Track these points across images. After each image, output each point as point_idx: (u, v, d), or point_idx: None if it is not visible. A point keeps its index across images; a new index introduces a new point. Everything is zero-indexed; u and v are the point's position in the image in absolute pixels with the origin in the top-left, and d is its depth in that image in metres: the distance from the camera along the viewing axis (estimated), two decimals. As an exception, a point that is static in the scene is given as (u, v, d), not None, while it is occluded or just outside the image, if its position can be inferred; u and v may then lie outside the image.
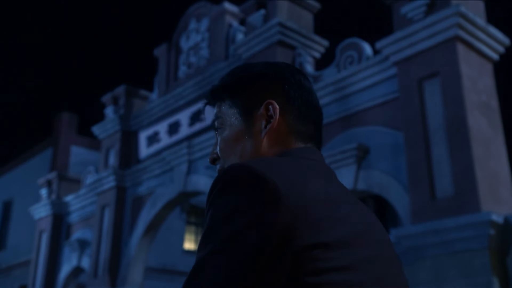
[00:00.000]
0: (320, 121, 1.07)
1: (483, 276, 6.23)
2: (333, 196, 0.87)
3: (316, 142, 1.05)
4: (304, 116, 1.03)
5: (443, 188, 6.91)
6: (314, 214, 0.81)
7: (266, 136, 1.00)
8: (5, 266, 22.43)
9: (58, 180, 15.53)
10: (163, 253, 21.96)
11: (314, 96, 1.06)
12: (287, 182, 0.82)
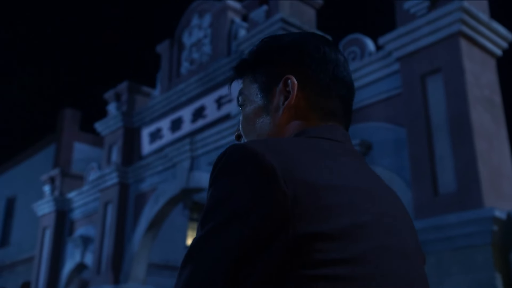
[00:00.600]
0: (349, 96, 0.99)
1: (486, 272, 6.22)
2: (341, 181, 0.79)
3: (342, 118, 0.97)
4: (327, 91, 0.95)
5: (446, 184, 6.90)
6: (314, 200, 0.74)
7: (285, 113, 0.95)
8: (9, 262, 22.51)
9: (61, 177, 15.56)
10: (166, 249, 22.00)
11: (342, 69, 0.97)
12: (288, 165, 0.75)
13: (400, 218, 0.87)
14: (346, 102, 0.98)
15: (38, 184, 17.94)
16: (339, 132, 0.93)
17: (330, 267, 0.72)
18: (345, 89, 0.98)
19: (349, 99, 1.00)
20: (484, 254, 6.28)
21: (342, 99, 0.97)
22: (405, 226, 0.88)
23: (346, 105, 0.98)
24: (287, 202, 0.72)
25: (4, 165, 26.68)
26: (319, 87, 0.95)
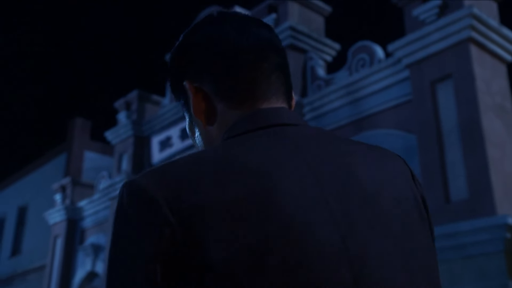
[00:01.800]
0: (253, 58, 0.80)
1: (499, 279, 6.15)
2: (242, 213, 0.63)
3: (251, 87, 0.79)
4: (232, 75, 0.79)
5: (458, 191, 6.84)
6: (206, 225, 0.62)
7: (201, 119, 0.81)
8: (21, 271, 22.60)
9: (72, 186, 15.64)
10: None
11: (234, 38, 0.80)
12: (175, 190, 0.64)
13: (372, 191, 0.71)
14: (255, 65, 0.80)
15: (49, 193, 18.05)
16: (259, 123, 0.75)
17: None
18: (251, 56, 0.79)
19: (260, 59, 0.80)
20: (497, 261, 6.21)
21: (245, 67, 0.79)
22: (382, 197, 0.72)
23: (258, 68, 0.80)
24: (174, 233, 0.61)
25: (16, 175, 26.89)
26: (220, 77, 0.79)
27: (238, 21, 0.83)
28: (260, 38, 0.82)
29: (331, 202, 0.68)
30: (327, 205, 0.68)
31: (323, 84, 9.35)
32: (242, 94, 0.78)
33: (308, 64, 9.76)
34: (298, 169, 0.69)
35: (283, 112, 0.77)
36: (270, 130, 0.74)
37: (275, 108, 0.77)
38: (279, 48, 0.83)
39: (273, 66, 0.81)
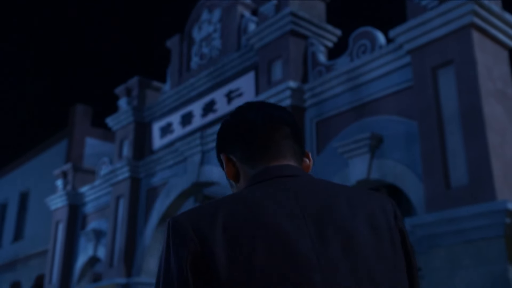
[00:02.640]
0: (261, 135, 1.13)
1: (499, 264, 6.19)
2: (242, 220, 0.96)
3: (264, 154, 1.12)
4: (247, 146, 1.13)
5: (458, 177, 6.86)
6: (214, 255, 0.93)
7: (232, 179, 1.16)
8: (23, 255, 22.76)
9: (73, 172, 15.69)
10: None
11: (254, 119, 1.15)
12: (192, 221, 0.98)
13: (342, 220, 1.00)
14: (268, 135, 1.13)
15: (51, 179, 18.12)
16: (267, 175, 1.08)
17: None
18: (250, 135, 1.13)
19: (270, 134, 1.13)
20: (496, 246, 6.25)
21: (256, 138, 1.13)
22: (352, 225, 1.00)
23: (272, 137, 1.13)
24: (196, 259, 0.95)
25: (17, 161, 26.95)
26: (240, 150, 1.14)
27: (257, 106, 1.18)
28: (272, 116, 1.15)
29: (310, 228, 0.97)
30: (307, 229, 0.96)
31: (324, 70, 9.34)
32: (257, 158, 1.12)
33: (309, 50, 9.74)
34: (288, 204, 0.99)
35: (286, 168, 1.09)
36: (273, 180, 1.05)
37: (280, 165, 1.09)
38: (289, 121, 1.17)
39: (284, 135, 1.14)
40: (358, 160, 8.32)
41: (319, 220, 0.98)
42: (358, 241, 0.98)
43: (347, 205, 1.02)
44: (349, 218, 1.00)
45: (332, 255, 0.95)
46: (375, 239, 1.00)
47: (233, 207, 0.98)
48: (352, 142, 8.32)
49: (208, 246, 0.94)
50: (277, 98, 9.43)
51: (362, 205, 1.03)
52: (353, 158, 8.38)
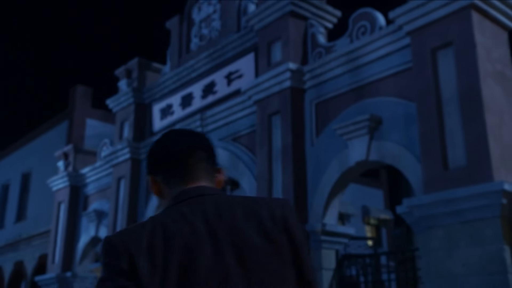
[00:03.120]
0: (177, 161, 1.37)
1: (495, 244, 6.28)
2: (167, 235, 1.25)
3: (181, 177, 1.37)
4: (164, 174, 1.38)
5: (456, 158, 6.91)
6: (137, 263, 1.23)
7: (159, 197, 1.43)
8: (26, 236, 22.96)
9: (74, 153, 15.76)
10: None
11: (171, 147, 1.38)
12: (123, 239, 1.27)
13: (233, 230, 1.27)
14: (183, 161, 1.37)
15: (52, 160, 18.19)
16: (186, 193, 1.33)
17: None
18: (169, 161, 1.37)
19: (181, 158, 1.37)
20: (493, 227, 6.33)
21: (173, 165, 1.37)
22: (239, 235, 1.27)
23: (186, 162, 1.37)
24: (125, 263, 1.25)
25: (19, 142, 27.02)
26: (162, 173, 1.38)
27: (177, 134, 1.39)
28: (188, 143, 1.37)
29: (212, 241, 1.24)
30: (209, 243, 1.24)
31: (324, 51, 9.33)
32: (175, 181, 1.36)
33: (309, 31, 9.71)
34: (196, 223, 1.26)
35: (198, 189, 1.33)
36: (186, 202, 1.30)
37: (194, 187, 1.34)
38: (204, 146, 1.39)
39: (198, 159, 1.37)
40: (357, 142, 8.36)
41: (219, 235, 1.26)
42: (250, 250, 1.25)
43: (243, 217, 1.28)
44: (244, 229, 1.27)
45: (227, 263, 1.23)
46: (265, 244, 1.26)
47: (155, 230, 1.26)
48: (351, 124, 8.36)
49: (132, 257, 1.23)
50: (277, 80, 9.44)
51: (254, 215, 1.29)
52: (352, 139, 8.43)
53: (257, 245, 1.26)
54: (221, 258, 1.24)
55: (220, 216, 1.28)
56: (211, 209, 1.30)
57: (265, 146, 9.56)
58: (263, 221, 1.28)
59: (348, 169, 8.54)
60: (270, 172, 9.37)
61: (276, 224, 1.29)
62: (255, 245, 1.26)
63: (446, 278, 6.61)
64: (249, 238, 1.26)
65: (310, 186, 8.99)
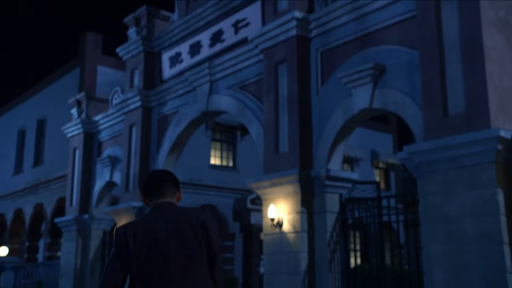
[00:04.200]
0: (154, 188, 2.84)
1: (489, 188, 6.56)
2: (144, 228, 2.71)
3: (156, 196, 2.83)
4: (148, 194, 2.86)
5: (456, 106, 7.09)
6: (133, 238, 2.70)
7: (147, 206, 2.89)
8: (44, 179, 23.74)
9: (87, 100, 16.09)
10: (190, 168, 22.85)
11: (151, 180, 2.85)
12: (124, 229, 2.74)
13: (178, 231, 2.70)
14: (154, 190, 2.83)
15: (66, 106, 18.58)
16: (154, 207, 2.79)
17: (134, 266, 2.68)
18: (152, 188, 2.84)
19: (155, 189, 2.84)
20: (488, 172, 6.59)
21: (152, 191, 2.83)
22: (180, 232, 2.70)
23: (154, 191, 2.84)
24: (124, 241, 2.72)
25: (33, 88, 27.38)
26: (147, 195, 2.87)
27: (155, 174, 2.87)
28: (160, 178, 2.85)
29: (167, 233, 2.69)
30: (167, 235, 2.69)
31: (330, 0, 9.35)
32: (153, 198, 2.84)
33: (315, -22, 9.69)
34: (160, 223, 2.72)
35: (164, 203, 2.80)
36: (156, 210, 2.77)
37: (161, 202, 2.81)
38: (170, 179, 2.87)
39: (167, 185, 2.84)
40: (361, 90, 8.55)
41: (169, 227, 2.68)
42: (184, 235, 2.67)
43: (182, 219, 2.71)
44: (181, 226, 2.69)
45: (172, 245, 2.65)
46: (191, 232, 2.68)
47: (139, 225, 2.71)
48: (355, 72, 8.52)
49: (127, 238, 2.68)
50: (283, 29, 9.53)
51: (187, 218, 2.72)
52: (356, 87, 8.61)
53: (187, 233, 2.68)
54: (169, 239, 2.68)
55: (171, 218, 2.73)
56: (167, 214, 2.75)
57: (272, 94, 9.78)
58: (191, 221, 2.71)
59: (352, 116, 8.77)
60: (277, 119, 9.63)
61: (198, 223, 2.72)
62: (186, 233, 2.68)
63: (442, 220, 6.95)
64: (183, 229, 2.69)
65: (315, 133, 9.27)
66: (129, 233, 2.69)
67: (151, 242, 2.67)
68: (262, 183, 9.54)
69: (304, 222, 8.94)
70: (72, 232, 15.37)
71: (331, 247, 8.82)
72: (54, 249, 22.60)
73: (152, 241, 2.67)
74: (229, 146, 25.30)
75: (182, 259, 2.67)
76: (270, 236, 9.42)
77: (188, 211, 2.77)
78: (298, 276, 8.80)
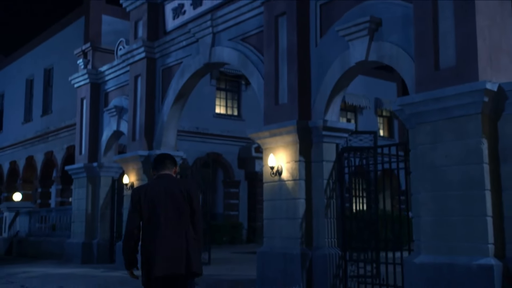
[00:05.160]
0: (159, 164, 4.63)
1: (474, 138, 6.91)
2: (152, 191, 4.48)
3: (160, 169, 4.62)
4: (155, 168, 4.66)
5: (447, 59, 7.32)
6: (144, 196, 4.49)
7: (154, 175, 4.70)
8: (53, 128, 24.28)
9: (93, 51, 16.33)
10: (196, 117, 23.27)
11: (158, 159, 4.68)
12: (138, 189, 4.58)
13: (171, 194, 4.44)
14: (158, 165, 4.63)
15: (72, 56, 18.81)
16: (159, 176, 4.60)
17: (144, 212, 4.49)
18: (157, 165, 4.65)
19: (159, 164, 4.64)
20: (474, 122, 6.92)
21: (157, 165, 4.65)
22: (172, 195, 4.45)
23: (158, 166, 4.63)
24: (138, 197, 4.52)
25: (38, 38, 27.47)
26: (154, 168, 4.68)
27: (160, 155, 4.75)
28: (163, 158, 4.68)
29: (165, 194, 4.45)
30: (164, 195, 4.45)
31: None
32: (157, 171, 4.63)
33: None
34: (161, 186, 4.49)
35: (164, 174, 4.60)
36: (159, 178, 4.58)
37: (163, 173, 4.60)
38: (169, 158, 4.70)
39: (168, 162, 4.65)
40: (358, 43, 8.78)
41: (166, 193, 4.44)
42: (174, 196, 4.42)
43: (174, 186, 4.48)
44: (174, 191, 4.44)
45: (168, 202, 4.41)
46: (179, 194, 4.44)
47: (147, 187, 4.53)
48: (352, 26, 8.73)
49: (140, 196, 4.46)
50: (282, -19, 9.63)
51: (178, 185, 4.50)
52: (353, 40, 8.84)
53: (177, 194, 4.41)
54: (166, 197, 4.40)
55: (168, 184, 4.47)
56: (166, 181, 4.50)
57: (272, 46, 10.02)
58: (180, 187, 4.45)
59: (349, 69, 9.04)
60: (277, 71, 9.92)
61: (185, 188, 4.45)
62: (176, 194, 4.41)
63: (430, 168, 7.34)
64: (175, 192, 4.43)
65: (314, 85, 9.57)
66: (141, 192, 4.45)
67: (154, 199, 4.39)
68: (262, 134, 9.95)
69: (302, 170, 9.39)
70: (82, 179, 15.99)
71: (327, 194, 9.30)
72: (66, 195, 23.42)
73: (155, 198, 4.39)
74: (233, 95, 25.60)
75: (174, 211, 4.38)
76: (270, 184, 9.91)
77: (179, 181, 4.62)
78: (296, 220, 9.34)
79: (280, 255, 9.44)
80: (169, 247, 4.25)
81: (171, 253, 4.25)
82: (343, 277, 9.14)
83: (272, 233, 9.80)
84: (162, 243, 4.26)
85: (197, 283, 9.61)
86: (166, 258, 4.23)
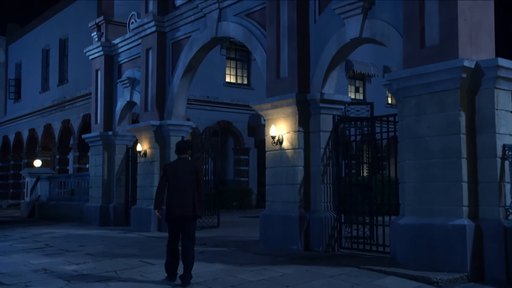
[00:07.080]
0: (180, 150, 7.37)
1: (453, 110, 7.56)
2: (174, 166, 7.26)
3: (180, 153, 7.37)
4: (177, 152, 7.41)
5: (431, 38, 7.91)
6: (169, 169, 7.30)
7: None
8: (70, 97, 25.17)
9: (106, 24, 16.98)
10: (207, 86, 23.96)
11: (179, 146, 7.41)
12: (166, 165, 7.46)
13: (185, 169, 7.18)
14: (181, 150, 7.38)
15: (86, 27, 19.45)
16: (180, 156, 7.36)
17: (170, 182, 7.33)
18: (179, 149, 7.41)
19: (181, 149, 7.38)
20: (453, 96, 7.56)
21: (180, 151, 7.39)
22: (186, 170, 7.17)
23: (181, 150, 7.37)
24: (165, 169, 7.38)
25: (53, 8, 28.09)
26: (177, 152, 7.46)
27: (183, 142, 7.72)
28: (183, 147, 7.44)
29: (182, 169, 7.21)
30: (182, 170, 7.21)
31: None
32: (179, 154, 7.40)
33: None
34: (180, 165, 7.25)
35: (183, 157, 7.37)
36: (179, 159, 7.35)
37: (182, 157, 7.37)
38: (187, 146, 7.51)
39: (185, 149, 7.43)
40: (352, 20, 9.36)
41: (182, 168, 7.18)
42: (187, 172, 7.15)
43: (187, 164, 7.26)
44: (186, 168, 7.20)
45: (183, 174, 7.15)
46: (188, 170, 7.17)
47: (172, 164, 7.38)
48: (347, 4, 9.29)
49: (167, 168, 7.29)
50: (283, -40, 10.11)
51: (189, 164, 7.29)
52: (348, 18, 9.42)
53: (188, 170, 7.16)
54: (182, 171, 7.14)
55: (183, 163, 7.24)
56: (182, 161, 7.26)
57: (274, 23, 10.63)
58: (190, 165, 7.23)
59: (345, 45, 9.66)
60: (278, 47, 10.55)
61: (193, 165, 7.26)
62: (188, 170, 7.16)
63: (415, 138, 8.04)
64: (187, 168, 7.18)
65: (312, 60, 10.21)
66: (168, 167, 7.28)
67: (174, 172, 7.11)
68: (264, 105, 10.67)
69: (301, 140, 10.13)
70: (98, 147, 16.89)
71: (324, 161, 10.05)
72: (83, 161, 24.48)
73: (175, 172, 7.11)
74: (243, 64, 26.15)
75: (186, 181, 7.08)
76: (271, 152, 10.69)
77: (190, 161, 7.41)
78: (295, 186, 10.14)
79: (281, 217, 10.28)
80: (182, 200, 7.01)
81: (183, 203, 7.01)
82: (338, 237, 9.97)
83: (273, 197, 10.63)
84: (178, 197, 7.03)
85: (206, 243, 10.57)
86: (180, 205, 6.99)
